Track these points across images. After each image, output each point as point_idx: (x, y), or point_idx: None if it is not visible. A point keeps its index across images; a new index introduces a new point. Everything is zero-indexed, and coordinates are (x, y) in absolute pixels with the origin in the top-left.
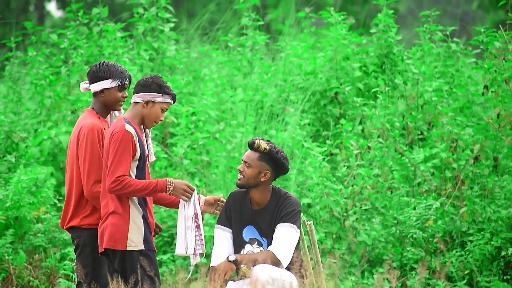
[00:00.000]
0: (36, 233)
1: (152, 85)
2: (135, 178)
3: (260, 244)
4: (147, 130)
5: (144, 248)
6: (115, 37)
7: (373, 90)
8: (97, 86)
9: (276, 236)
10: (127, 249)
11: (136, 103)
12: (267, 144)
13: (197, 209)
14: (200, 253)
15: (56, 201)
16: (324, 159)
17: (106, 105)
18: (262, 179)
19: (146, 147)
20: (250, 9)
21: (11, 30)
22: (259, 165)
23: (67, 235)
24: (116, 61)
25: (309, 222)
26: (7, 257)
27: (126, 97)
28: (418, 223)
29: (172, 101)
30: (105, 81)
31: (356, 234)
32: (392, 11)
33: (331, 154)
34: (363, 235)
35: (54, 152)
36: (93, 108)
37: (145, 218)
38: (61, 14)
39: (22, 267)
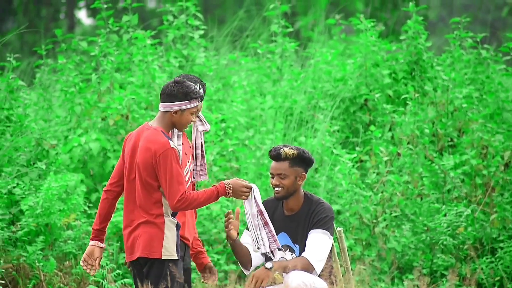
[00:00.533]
0: (66, 240)
1: (178, 94)
2: None
3: (292, 251)
4: (174, 130)
5: (177, 258)
6: (145, 45)
7: (403, 96)
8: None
9: (309, 242)
10: (162, 258)
11: (165, 112)
12: (291, 149)
13: (260, 206)
14: (277, 248)
15: (86, 208)
16: (353, 165)
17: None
18: (300, 183)
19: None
20: (280, 16)
21: (41, 38)
22: (294, 171)
23: None
24: (145, 68)
25: (338, 229)
26: (37, 264)
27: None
28: (449, 230)
29: (200, 103)
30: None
31: (386, 241)
32: (422, 18)
33: (361, 161)
34: (393, 241)
35: (84, 159)
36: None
37: (178, 227)
38: (91, 22)
39: (52, 273)
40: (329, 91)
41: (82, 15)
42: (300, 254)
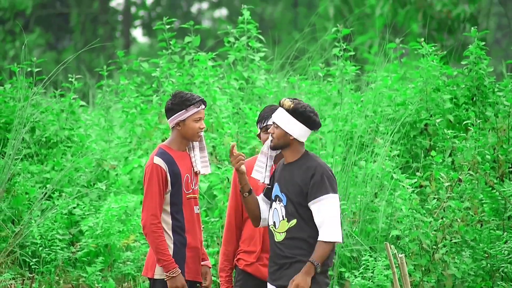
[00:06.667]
0: (125, 261)
1: (174, 106)
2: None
3: (280, 200)
4: (193, 142)
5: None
6: (206, 66)
7: (464, 122)
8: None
9: (316, 218)
10: (154, 277)
11: (172, 128)
12: (292, 101)
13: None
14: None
15: None
16: (413, 191)
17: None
18: (291, 138)
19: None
20: (341, 39)
21: (98, 57)
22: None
23: None
24: (206, 90)
25: (400, 255)
26: (97, 285)
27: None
28: (510, 257)
29: (200, 107)
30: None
31: (446, 267)
32: (483, 43)
33: (421, 186)
34: (452, 268)
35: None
36: None
37: (176, 245)
38: (147, 40)
39: None
40: (389, 115)
41: (137, 33)
42: (286, 203)
